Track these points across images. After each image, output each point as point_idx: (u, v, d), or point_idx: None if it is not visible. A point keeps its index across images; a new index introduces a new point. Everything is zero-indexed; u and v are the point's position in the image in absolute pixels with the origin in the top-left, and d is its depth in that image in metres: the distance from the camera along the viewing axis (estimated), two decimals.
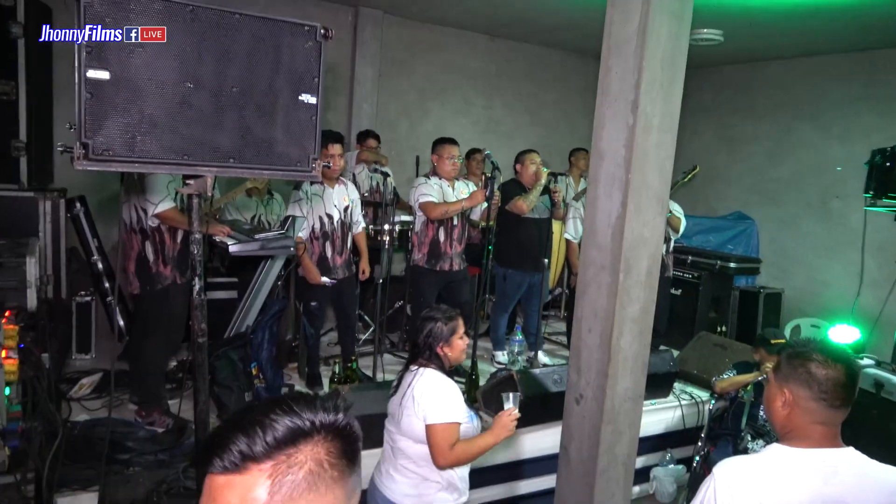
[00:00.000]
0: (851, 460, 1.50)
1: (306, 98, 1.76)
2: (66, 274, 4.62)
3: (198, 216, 1.81)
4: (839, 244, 6.37)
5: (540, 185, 4.77)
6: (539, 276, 4.93)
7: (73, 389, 3.81)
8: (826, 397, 1.49)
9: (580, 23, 6.23)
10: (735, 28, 5.76)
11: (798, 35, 5.92)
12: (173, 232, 3.43)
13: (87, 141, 1.47)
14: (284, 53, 1.70)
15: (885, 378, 3.80)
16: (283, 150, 1.74)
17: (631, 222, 3.10)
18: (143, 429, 3.27)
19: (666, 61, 3.03)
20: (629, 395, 3.30)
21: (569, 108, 7.85)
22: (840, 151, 6.39)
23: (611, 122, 3.14)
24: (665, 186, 3.20)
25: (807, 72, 6.75)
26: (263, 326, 4.05)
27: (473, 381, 4.23)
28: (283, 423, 0.72)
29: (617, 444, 3.31)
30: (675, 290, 6.13)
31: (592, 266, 3.26)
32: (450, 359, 2.49)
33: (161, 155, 1.57)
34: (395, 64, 6.81)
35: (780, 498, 1.44)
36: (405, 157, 6.64)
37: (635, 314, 3.22)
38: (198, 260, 1.83)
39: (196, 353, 1.88)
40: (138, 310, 3.74)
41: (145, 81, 1.52)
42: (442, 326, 2.46)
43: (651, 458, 4.54)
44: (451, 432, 2.28)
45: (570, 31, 6.71)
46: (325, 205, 4.15)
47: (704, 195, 7.73)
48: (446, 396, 2.33)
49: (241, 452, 0.70)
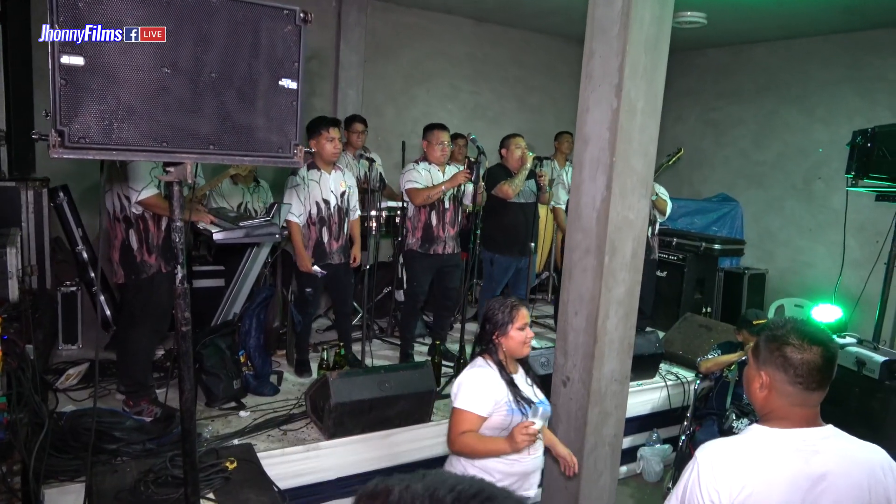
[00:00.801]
0: (832, 439, 1.51)
1: (287, 83, 1.74)
2: (50, 264, 4.59)
3: (179, 204, 1.80)
4: (822, 225, 6.44)
5: (526, 170, 4.77)
6: (526, 260, 4.95)
7: (59, 380, 3.79)
8: (802, 381, 1.50)
9: (566, 7, 6.21)
10: (719, 11, 5.76)
11: (781, 17, 5.93)
12: (157, 220, 3.40)
13: (62, 128, 1.45)
14: (263, 38, 1.68)
15: (866, 356, 3.85)
16: (263, 137, 1.73)
17: (616, 206, 3.12)
18: (130, 418, 3.26)
19: (649, 45, 3.04)
20: (615, 376, 3.33)
21: (555, 93, 7.84)
22: (824, 133, 6.44)
23: (595, 106, 3.15)
24: (649, 170, 3.21)
25: (791, 55, 6.77)
26: (251, 314, 4.05)
27: (462, 364, 4.26)
28: None
29: (604, 425, 3.35)
30: (661, 273, 6.17)
31: (578, 249, 3.28)
32: (507, 350, 2.41)
33: (139, 142, 1.55)
34: (381, 49, 6.76)
35: (763, 479, 1.45)
36: (392, 144, 6.61)
37: (621, 296, 3.24)
38: (180, 248, 1.82)
39: (180, 341, 1.87)
40: (124, 299, 3.71)
41: (121, 67, 1.50)
42: (499, 314, 2.40)
43: (638, 437, 4.60)
44: (464, 419, 2.28)
45: (556, 16, 6.69)
46: (322, 190, 4.14)
47: (690, 178, 7.77)
48: (473, 385, 2.32)
49: None
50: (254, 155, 1.73)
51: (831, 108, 6.41)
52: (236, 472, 2.48)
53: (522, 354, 2.45)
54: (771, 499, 1.44)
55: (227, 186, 4.80)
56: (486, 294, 5.21)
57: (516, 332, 2.38)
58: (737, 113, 7.31)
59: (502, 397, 2.34)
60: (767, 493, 1.44)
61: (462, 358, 4.28)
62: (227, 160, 1.70)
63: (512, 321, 2.38)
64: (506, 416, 2.32)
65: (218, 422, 3.54)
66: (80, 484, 2.67)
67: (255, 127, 1.70)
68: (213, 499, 2.25)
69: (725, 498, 1.46)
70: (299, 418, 3.60)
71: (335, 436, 3.35)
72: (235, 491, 2.36)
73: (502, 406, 2.33)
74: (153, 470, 2.37)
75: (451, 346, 4.71)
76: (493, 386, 2.34)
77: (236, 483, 2.41)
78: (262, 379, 3.99)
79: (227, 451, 2.73)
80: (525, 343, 2.41)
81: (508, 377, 2.40)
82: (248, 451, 2.75)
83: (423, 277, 4.55)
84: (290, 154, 1.77)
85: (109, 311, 4.58)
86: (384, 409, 3.45)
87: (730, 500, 1.45)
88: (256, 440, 3.32)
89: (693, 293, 6.31)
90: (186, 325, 1.85)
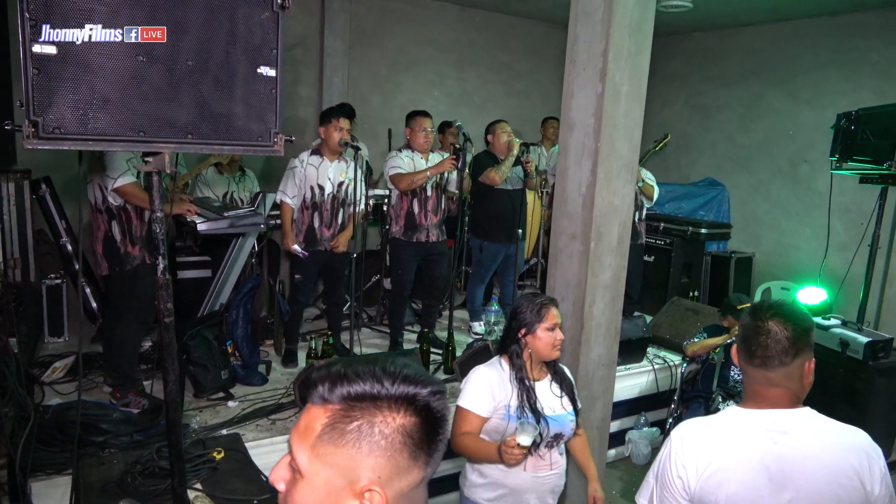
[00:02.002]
0: (804, 420, 1.51)
1: (265, 70, 1.72)
2: (34, 257, 4.54)
3: (159, 194, 1.78)
4: (808, 208, 6.48)
5: (512, 156, 4.76)
6: (514, 246, 4.96)
7: (45, 373, 3.76)
8: (755, 359, 1.52)
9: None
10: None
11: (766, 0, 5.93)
12: (140, 211, 3.37)
13: (36, 119, 1.43)
14: (240, 25, 1.65)
15: (850, 337, 3.90)
16: (242, 125, 1.71)
17: (601, 191, 3.12)
18: (117, 410, 3.24)
19: (633, 28, 3.03)
20: (602, 361, 3.35)
21: (542, 79, 7.81)
22: (809, 116, 6.46)
23: (579, 91, 3.14)
24: (634, 154, 3.22)
25: (776, 38, 6.77)
26: (237, 304, 4.03)
27: (450, 351, 4.27)
28: (361, 385, 0.82)
29: (591, 410, 3.37)
30: (648, 257, 6.20)
31: (564, 235, 3.29)
32: (533, 351, 2.27)
33: (115, 131, 1.53)
34: (366, 36, 6.70)
35: (730, 458, 1.47)
36: (378, 131, 6.57)
37: (607, 281, 3.26)
38: (160, 239, 1.81)
39: (163, 332, 1.86)
40: (109, 291, 3.69)
41: (95, 56, 1.47)
42: (527, 312, 2.26)
43: (626, 421, 4.64)
44: (465, 418, 2.21)
45: (541, 1, 6.65)
46: (319, 175, 4.14)
47: (677, 163, 7.78)
48: (476, 384, 2.25)
49: (321, 395, 0.83)
50: (233, 144, 1.70)
51: (817, 90, 6.43)
52: (224, 461, 2.48)
53: (550, 357, 2.30)
54: (737, 477, 1.46)
55: (212, 176, 4.76)
56: (476, 281, 5.22)
57: (544, 333, 2.24)
58: (723, 97, 7.32)
59: (503, 400, 2.23)
60: (734, 471, 1.46)
61: (450, 345, 4.29)
62: (206, 149, 1.68)
63: (541, 320, 2.24)
64: (501, 421, 2.22)
65: (206, 412, 3.54)
66: (67, 477, 2.66)
67: (233, 115, 1.68)
68: (200, 489, 2.25)
69: (692, 473, 1.49)
70: (288, 408, 3.60)
71: None
72: (223, 481, 2.36)
73: (500, 409, 2.23)
74: (140, 461, 2.37)
75: (441, 334, 4.71)
76: (497, 387, 2.24)
77: (224, 473, 2.41)
78: (251, 369, 3.98)
79: (215, 441, 2.73)
80: (554, 346, 2.26)
81: (528, 383, 2.26)
82: (236, 441, 2.75)
83: (408, 265, 4.55)
84: (270, 143, 1.75)
85: (95, 303, 4.54)
86: None
87: (697, 475, 1.48)
88: (245, 430, 3.32)
89: (680, 277, 6.35)
90: (169, 316, 1.84)
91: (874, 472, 1.46)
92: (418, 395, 0.83)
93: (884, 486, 1.46)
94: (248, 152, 1.76)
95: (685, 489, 1.50)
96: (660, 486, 1.55)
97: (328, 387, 0.83)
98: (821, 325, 4.03)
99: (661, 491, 1.55)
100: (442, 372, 4.30)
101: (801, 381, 1.53)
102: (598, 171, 3.08)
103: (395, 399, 0.82)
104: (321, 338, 4.23)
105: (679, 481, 1.50)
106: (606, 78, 3.00)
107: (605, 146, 3.06)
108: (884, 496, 1.46)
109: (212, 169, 4.68)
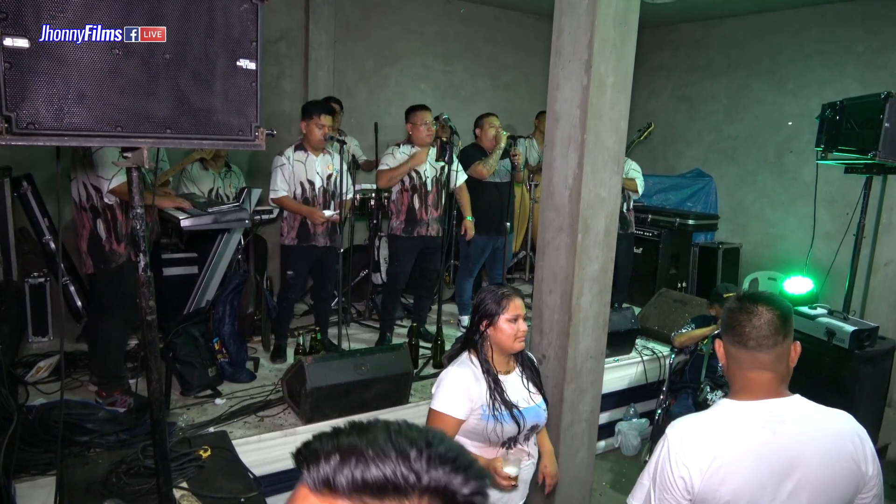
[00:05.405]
0: (797, 408, 1.53)
1: (245, 64, 1.69)
2: (16, 255, 4.49)
3: (138, 190, 1.76)
4: (794, 198, 6.51)
5: (500, 149, 4.75)
6: (502, 239, 4.95)
7: (30, 373, 3.72)
8: (742, 340, 1.53)
9: None
10: None
11: None
12: (125, 208, 3.33)
13: (9, 114, 1.39)
14: (218, 17, 1.62)
15: (836, 326, 3.92)
16: (222, 119, 1.68)
17: (588, 183, 3.11)
18: (103, 409, 3.21)
19: (618, 20, 3.01)
20: (591, 353, 3.35)
21: (529, 71, 7.79)
22: (794, 106, 6.48)
23: (565, 83, 3.12)
24: (620, 146, 3.21)
25: (761, 28, 6.79)
26: (224, 300, 4.00)
27: (439, 345, 4.26)
28: (381, 468, 0.59)
29: (580, 402, 3.38)
30: (636, 249, 6.22)
31: (551, 227, 3.28)
32: (495, 343, 2.20)
33: (92, 126, 1.50)
34: (351, 29, 6.65)
35: (732, 451, 1.47)
36: (365, 125, 6.53)
37: (595, 274, 3.25)
38: (141, 236, 1.78)
39: (146, 331, 1.84)
40: (94, 289, 3.64)
41: (69, 49, 1.44)
42: (489, 303, 2.19)
43: (615, 412, 4.66)
44: (440, 422, 2.12)
45: None
46: (307, 171, 4.12)
47: (664, 154, 7.80)
48: (449, 386, 2.16)
49: (325, 477, 0.60)
50: (213, 138, 1.68)
51: (801, 80, 6.45)
52: (210, 460, 2.46)
53: (514, 349, 2.22)
54: (741, 470, 1.46)
55: (197, 172, 4.71)
56: (464, 275, 5.21)
57: (506, 324, 2.17)
58: (709, 88, 7.34)
59: (479, 400, 2.15)
60: (737, 465, 1.46)
61: (439, 339, 4.28)
62: (185, 144, 1.65)
63: (502, 311, 2.17)
64: (479, 421, 2.15)
65: (193, 410, 3.51)
66: (51, 477, 2.63)
67: (212, 109, 1.65)
68: (186, 488, 2.23)
69: (696, 472, 1.47)
70: (276, 404, 3.58)
71: (312, 420, 3.34)
72: (209, 479, 2.34)
73: (478, 410, 2.15)
74: (125, 461, 2.34)
75: (430, 328, 4.70)
76: (473, 387, 2.15)
77: (210, 471, 2.39)
78: (238, 366, 3.96)
79: (202, 439, 2.70)
80: (517, 337, 2.18)
81: (493, 376, 2.20)
82: (223, 439, 2.73)
83: (406, 259, 4.55)
84: (251, 137, 1.73)
85: (80, 302, 4.50)
86: (361, 392, 3.44)
87: (700, 473, 1.47)
88: (233, 427, 3.30)
89: (668, 269, 6.37)
90: (151, 313, 1.82)
91: (867, 453, 1.50)
92: (458, 494, 0.60)
93: (874, 466, 1.50)
94: (228, 147, 1.73)
95: (688, 489, 1.48)
96: (658, 487, 1.53)
97: (334, 466, 0.59)
98: (807, 315, 4.05)
99: (660, 493, 1.52)
100: (431, 366, 4.30)
101: (788, 364, 1.55)
102: (585, 163, 3.07)
103: (425, 492, 0.59)
104: (309, 333, 4.21)
105: (681, 481, 1.48)
106: (592, 69, 2.99)
107: (591, 138, 3.05)
108: (875, 475, 1.50)
109: (197, 165, 4.63)
